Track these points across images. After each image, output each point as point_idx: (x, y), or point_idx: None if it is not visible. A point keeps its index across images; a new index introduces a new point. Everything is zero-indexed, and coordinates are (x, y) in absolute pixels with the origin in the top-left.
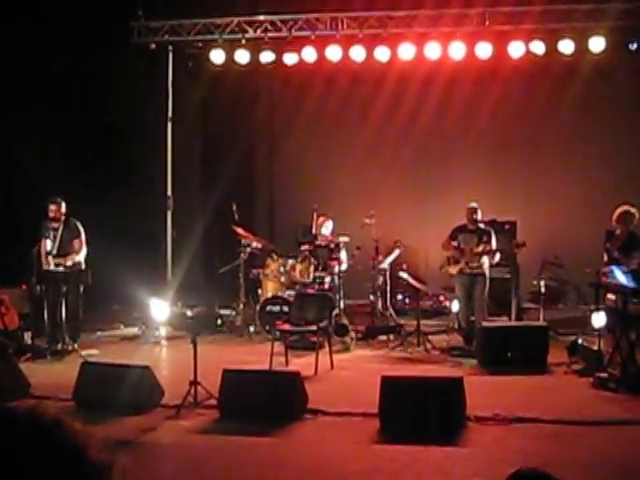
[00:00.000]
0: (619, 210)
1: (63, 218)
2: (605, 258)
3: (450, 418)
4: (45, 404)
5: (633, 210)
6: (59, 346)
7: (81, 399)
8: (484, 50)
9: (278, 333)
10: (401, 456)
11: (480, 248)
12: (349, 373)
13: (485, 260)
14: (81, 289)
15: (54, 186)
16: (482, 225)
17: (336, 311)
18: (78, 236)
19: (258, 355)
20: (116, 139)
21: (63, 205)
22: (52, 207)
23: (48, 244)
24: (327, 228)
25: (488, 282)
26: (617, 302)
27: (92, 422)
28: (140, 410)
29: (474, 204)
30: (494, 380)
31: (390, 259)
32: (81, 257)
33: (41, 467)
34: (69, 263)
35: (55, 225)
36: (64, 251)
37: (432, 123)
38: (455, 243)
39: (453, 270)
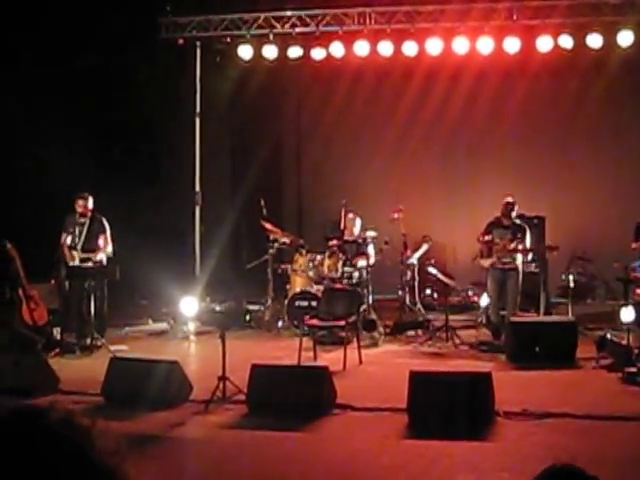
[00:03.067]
0: None
1: (90, 214)
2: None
3: (478, 413)
4: (59, 403)
5: None
6: (88, 341)
7: (110, 394)
8: (512, 45)
9: (307, 328)
10: (429, 451)
11: (513, 245)
12: (377, 368)
13: (519, 256)
14: (105, 284)
15: (82, 182)
16: (518, 221)
17: (364, 306)
18: (104, 232)
19: (287, 350)
20: (144, 135)
21: (90, 200)
22: (80, 202)
23: (69, 239)
24: (357, 227)
25: (521, 277)
26: None
27: (121, 417)
28: (168, 405)
29: (510, 199)
30: (523, 375)
31: (418, 254)
32: (109, 253)
33: (40, 465)
34: (97, 258)
35: (82, 220)
36: (90, 246)
37: (460, 118)
38: (489, 237)
39: (485, 263)
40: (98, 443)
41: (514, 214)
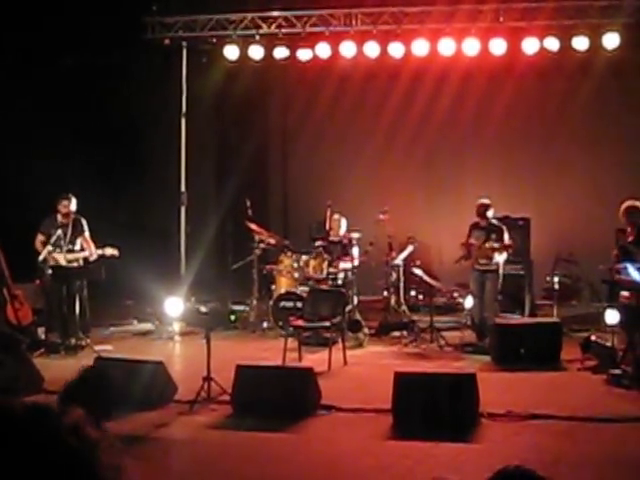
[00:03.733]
0: (624, 205)
1: (72, 215)
2: (615, 254)
3: (463, 414)
4: (74, 409)
5: (638, 204)
6: (72, 341)
7: None
8: (498, 46)
9: (291, 329)
10: (414, 452)
11: (487, 245)
12: (362, 369)
13: (498, 257)
14: (85, 285)
15: (68, 182)
16: (494, 221)
17: (349, 307)
18: (82, 233)
19: (271, 351)
20: (130, 135)
21: (74, 202)
22: (64, 203)
23: (53, 240)
24: (342, 227)
25: (500, 279)
26: (631, 299)
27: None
28: (153, 405)
29: (484, 200)
30: (507, 377)
31: (403, 255)
32: (93, 253)
33: (50, 468)
34: (93, 258)
35: (65, 221)
36: (72, 247)
37: (446, 119)
38: (471, 240)
39: (468, 264)
40: (103, 457)
41: (490, 214)
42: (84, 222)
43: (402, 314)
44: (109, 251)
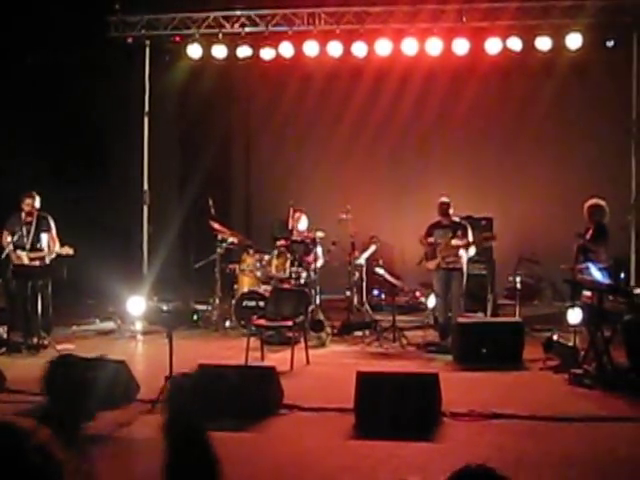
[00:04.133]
0: (587, 204)
1: (36, 213)
2: (575, 253)
3: (426, 414)
4: (42, 430)
5: (602, 203)
6: (34, 340)
7: None
8: (461, 46)
9: (254, 328)
10: (377, 452)
11: (454, 242)
12: (325, 368)
13: (463, 255)
14: (50, 283)
15: (29, 181)
16: (457, 219)
17: (312, 306)
18: (48, 230)
19: (234, 350)
20: (92, 134)
21: (37, 199)
22: (27, 201)
23: (16, 238)
24: (302, 224)
25: (465, 277)
26: (593, 299)
27: None
28: (116, 405)
29: (445, 199)
30: (470, 376)
31: (366, 255)
32: (52, 251)
33: None
34: (53, 256)
35: (29, 219)
36: (36, 245)
37: (409, 119)
38: (431, 239)
39: (431, 265)
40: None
41: (451, 211)
42: (50, 219)
43: (365, 313)
44: (65, 250)
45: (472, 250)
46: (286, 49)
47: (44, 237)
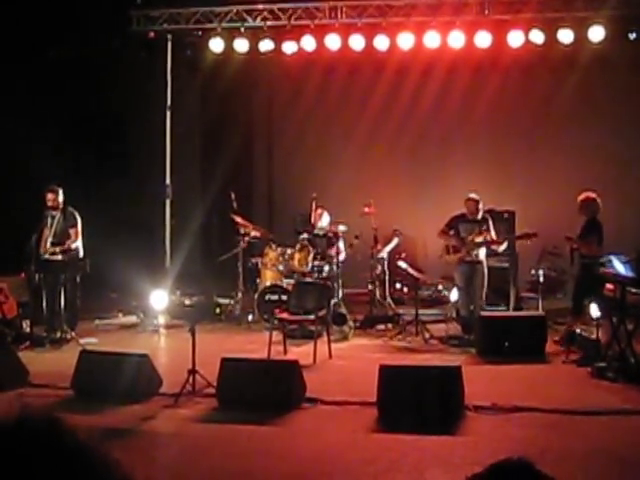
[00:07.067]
0: (580, 197)
1: (61, 207)
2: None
3: (448, 407)
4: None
5: (593, 195)
6: (58, 334)
7: (79, 387)
8: (483, 39)
9: (277, 322)
10: (399, 445)
11: (481, 238)
12: (347, 362)
13: (482, 249)
14: (78, 278)
15: (53, 175)
16: (481, 213)
17: (334, 300)
18: (75, 225)
19: (256, 344)
20: (115, 128)
21: (60, 193)
22: (50, 196)
23: (46, 233)
24: (324, 221)
25: (486, 271)
26: (615, 292)
27: (90, 411)
28: (138, 398)
29: (474, 195)
30: (492, 369)
31: (389, 248)
32: (77, 245)
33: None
34: (73, 247)
35: (53, 213)
36: (60, 240)
37: (431, 112)
38: (453, 232)
39: (451, 259)
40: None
41: (480, 206)
42: (76, 214)
43: (387, 307)
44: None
45: (503, 246)
46: (308, 43)
47: (71, 232)
